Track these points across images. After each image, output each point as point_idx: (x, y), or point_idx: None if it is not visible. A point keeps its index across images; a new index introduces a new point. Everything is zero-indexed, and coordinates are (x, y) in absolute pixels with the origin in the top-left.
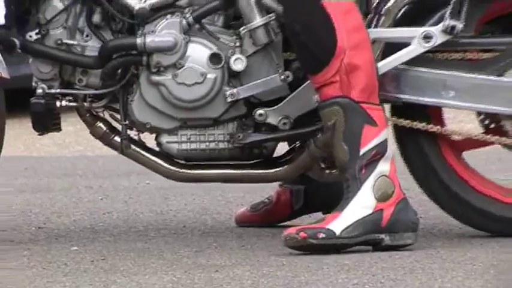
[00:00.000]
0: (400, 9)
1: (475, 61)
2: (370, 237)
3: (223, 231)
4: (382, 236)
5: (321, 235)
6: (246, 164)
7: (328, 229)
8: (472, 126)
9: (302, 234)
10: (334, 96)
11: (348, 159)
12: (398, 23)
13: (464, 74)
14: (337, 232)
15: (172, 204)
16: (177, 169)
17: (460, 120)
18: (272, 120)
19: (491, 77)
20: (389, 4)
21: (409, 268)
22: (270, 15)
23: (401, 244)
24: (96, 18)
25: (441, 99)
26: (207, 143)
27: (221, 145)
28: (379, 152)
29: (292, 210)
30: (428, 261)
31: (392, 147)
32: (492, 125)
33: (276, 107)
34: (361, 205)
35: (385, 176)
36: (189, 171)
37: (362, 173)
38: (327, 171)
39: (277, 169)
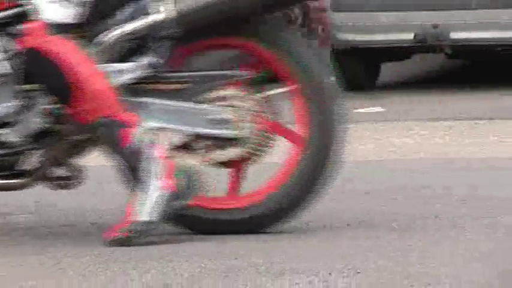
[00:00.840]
0: (115, 45)
1: (173, 91)
2: (173, 207)
3: None
4: (179, 201)
5: (139, 227)
6: (3, 175)
7: (139, 221)
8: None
9: (124, 234)
10: (91, 120)
11: (126, 160)
12: (118, 57)
13: (164, 101)
14: (148, 219)
15: None
16: None
17: None
18: (11, 138)
19: (185, 103)
20: (105, 40)
21: (392, 256)
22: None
23: (192, 196)
24: None
25: (152, 123)
26: None
27: None
28: (142, 143)
29: None
30: (406, 251)
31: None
32: (183, 144)
33: (12, 128)
34: (152, 189)
35: (157, 158)
36: None
37: (140, 165)
38: (62, 182)
39: (20, 180)
